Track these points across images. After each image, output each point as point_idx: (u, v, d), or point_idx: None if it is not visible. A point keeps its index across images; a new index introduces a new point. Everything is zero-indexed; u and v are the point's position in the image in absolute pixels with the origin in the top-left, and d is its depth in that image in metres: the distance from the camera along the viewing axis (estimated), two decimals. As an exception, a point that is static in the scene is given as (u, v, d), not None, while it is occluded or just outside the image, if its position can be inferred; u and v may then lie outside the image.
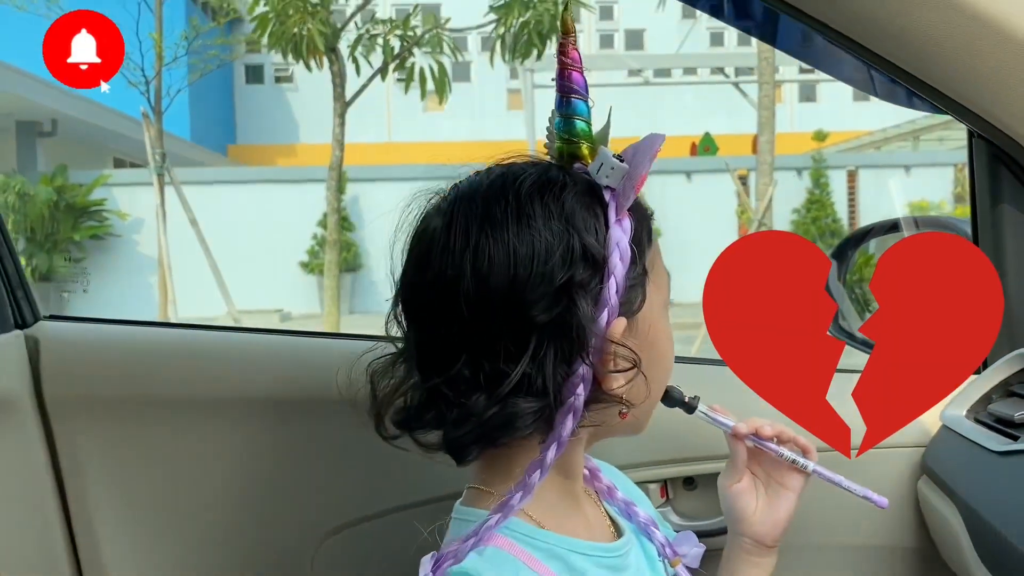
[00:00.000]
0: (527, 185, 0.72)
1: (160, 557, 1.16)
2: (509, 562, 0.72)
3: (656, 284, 0.75)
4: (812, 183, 13.11)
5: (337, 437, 1.14)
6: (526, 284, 0.68)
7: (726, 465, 0.90)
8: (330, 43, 6.47)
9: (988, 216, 1.09)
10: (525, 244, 0.69)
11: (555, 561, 0.74)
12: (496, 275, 0.68)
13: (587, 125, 0.76)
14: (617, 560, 0.79)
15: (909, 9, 0.91)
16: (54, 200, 11.33)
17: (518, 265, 0.68)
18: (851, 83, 1.35)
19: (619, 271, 0.69)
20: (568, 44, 0.75)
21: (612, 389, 0.71)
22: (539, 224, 0.69)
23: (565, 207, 0.70)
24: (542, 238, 0.69)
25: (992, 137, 1.03)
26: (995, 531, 0.83)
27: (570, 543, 0.76)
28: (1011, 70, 0.94)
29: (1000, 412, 0.99)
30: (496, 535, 0.73)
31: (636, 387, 0.72)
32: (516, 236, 0.69)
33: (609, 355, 0.70)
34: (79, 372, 1.16)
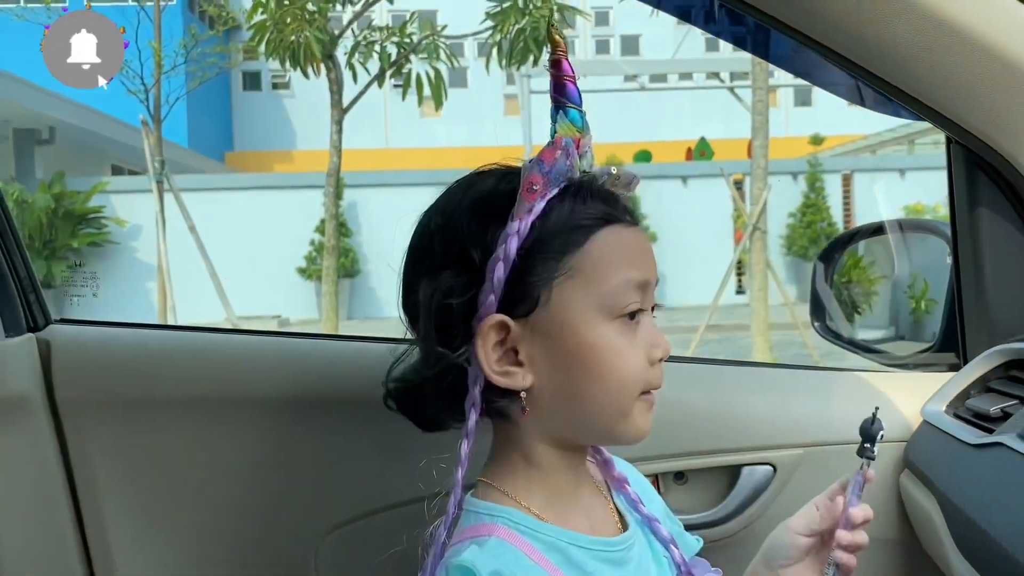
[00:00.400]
0: (457, 189, 0.81)
1: (170, 555, 1.19)
2: (510, 552, 0.75)
3: (587, 288, 0.76)
4: (808, 187, 13.17)
5: (340, 435, 1.17)
6: (410, 266, 0.81)
7: (808, 513, 0.90)
8: (327, 50, 6.51)
9: (966, 219, 1.13)
10: (417, 234, 0.81)
11: (555, 553, 0.77)
12: (405, 258, 0.82)
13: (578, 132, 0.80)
14: (618, 554, 0.81)
15: (886, 21, 0.94)
16: (52, 207, 11.35)
17: (411, 249, 0.82)
18: (842, 95, 1.39)
19: (498, 270, 0.75)
20: (560, 57, 0.79)
21: (496, 382, 0.77)
22: (437, 220, 0.79)
23: (465, 209, 0.79)
24: (426, 231, 0.80)
25: (968, 143, 1.07)
26: (971, 520, 0.87)
27: (570, 536, 0.79)
28: (983, 79, 0.98)
29: (977, 407, 1.02)
30: (499, 526, 0.77)
31: (556, 385, 0.77)
32: (419, 229, 0.81)
33: (486, 348, 0.76)
34: (90, 374, 1.18)
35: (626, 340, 0.77)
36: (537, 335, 0.77)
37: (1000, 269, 1.11)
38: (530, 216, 0.75)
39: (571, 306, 0.76)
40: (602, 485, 0.90)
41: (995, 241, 1.11)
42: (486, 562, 0.72)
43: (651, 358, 0.79)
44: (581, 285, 0.76)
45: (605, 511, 0.87)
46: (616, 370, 0.77)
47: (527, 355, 0.77)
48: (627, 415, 0.79)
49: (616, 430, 0.80)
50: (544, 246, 0.76)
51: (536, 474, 0.81)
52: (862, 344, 1.44)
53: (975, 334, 1.15)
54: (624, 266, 0.77)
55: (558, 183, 0.76)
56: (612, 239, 0.77)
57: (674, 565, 0.87)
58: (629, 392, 0.78)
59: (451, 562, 0.73)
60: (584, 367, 0.77)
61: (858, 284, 1.69)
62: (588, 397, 0.77)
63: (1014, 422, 0.92)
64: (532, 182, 0.75)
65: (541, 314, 0.76)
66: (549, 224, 0.76)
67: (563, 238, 0.76)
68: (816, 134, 16.61)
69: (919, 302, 1.57)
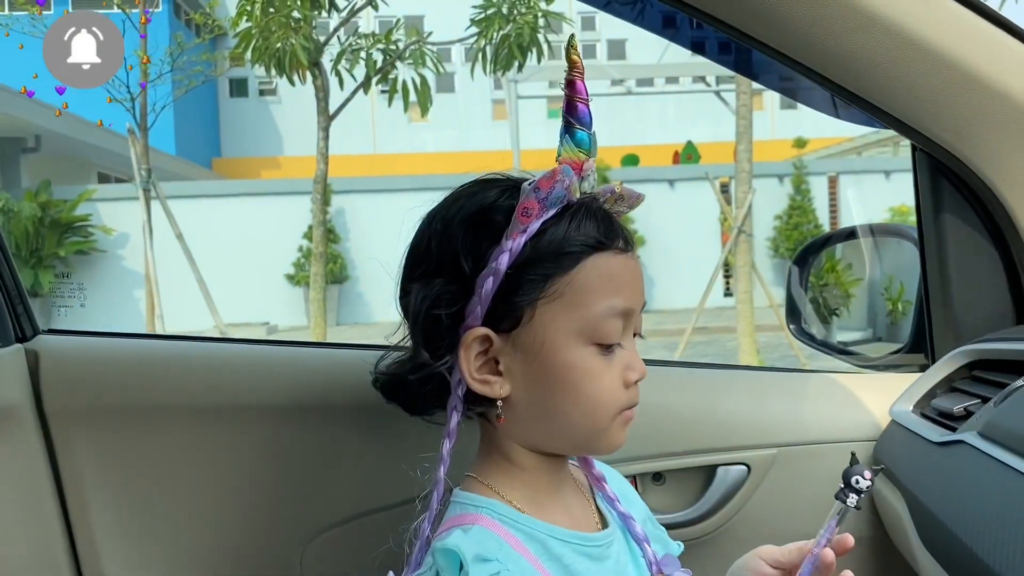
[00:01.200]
0: (461, 195, 0.83)
1: (159, 564, 1.20)
2: (493, 539, 0.78)
3: (570, 313, 0.79)
4: (794, 189, 13.23)
5: (326, 441, 1.19)
6: (408, 266, 0.84)
7: (785, 549, 0.89)
8: (313, 58, 6.52)
9: (932, 224, 1.16)
10: (418, 235, 0.84)
11: (535, 544, 0.81)
12: (404, 257, 0.85)
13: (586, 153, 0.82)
14: (596, 549, 0.84)
15: (848, 33, 0.98)
16: (38, 216, 11.29)
17: (410, 249, 0.84)
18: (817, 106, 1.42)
19: (487, 285, 0.78)
20: (575, 78, 0.82)
21: (475, 389, 0.81)
22: (436, 226, 0.82)
23: (462, 220, 0.81)
24: (425, 236, 0.83)
25: (932, 151, 1.10)
26: (933, 516, 0.89)
27: (549, 528, 0.82)
28: (945, 90, 1.01)
29: (942, 406, 1.05)
30: (483, 516, 0.81)
31: (532, 399, 0.81)
32: (419, 231, 0.84)
33: (468, 357, 0.80)
34: (78, 384, 1.20)
35: (602, 363, 0.80)
36: (518, 350, 0.80)
37: (964, 272, 1.14)
38: (524, 236, 0.78)
39: (552, 327, 0.79)
40: (584, 485, 0.93)
41: (960, 245, 1.14)
42: (470, 546, 0.75)
43: (626, 380, 0.82)
44: (564, 308, 0.79)
45: (586, 509, 0.90)
46: (590, 392, 0.80)
47: (507, 367, 0.81)
48: (603, 431, 0.82)
49: (591, 444, 0.84)
50: (533, 267, 0.78)
51: (517, 472, 0.84)
52: (835, 346, 1.48)
53: (942, 335, 1.18)
54: (608, 294, 0.79)
55: (554, 206, 0.79)
56: (600, 266, 0.79)
57: (647, 564, 0.90)
58: (604, 413, 0.81)
59: (436, 546, 0.76)
60: (560, 386, 0.80)
61: (835, 287, 1.72)
62: (562, 413, 0.81)
63: (975, 420, 0.95)
64: (527, 207, 0.78)
65: (523, 331, 0.79)
66: (541, 246, 0.78)
67: (552, 261, 0.78)
68: (800, 137, 16.70)
69: (895, 304, 1.60)
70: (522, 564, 0.78)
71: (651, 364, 1.28)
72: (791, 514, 1.19)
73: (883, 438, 1.16)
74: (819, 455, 1.18)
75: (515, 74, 8.39)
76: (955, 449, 0.93)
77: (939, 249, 1.16)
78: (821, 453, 1.18)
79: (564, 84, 0.82)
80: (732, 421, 1.21)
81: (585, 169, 0.81)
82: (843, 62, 1.02)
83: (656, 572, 0.91)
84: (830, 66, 1.03)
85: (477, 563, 0.74)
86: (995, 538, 0.74)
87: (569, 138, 0.81)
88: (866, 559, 1.19)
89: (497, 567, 0.75)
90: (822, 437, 1.18)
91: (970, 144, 1.06)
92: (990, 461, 0.84)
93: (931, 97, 1.03)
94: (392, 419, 1.14)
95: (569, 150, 0.81)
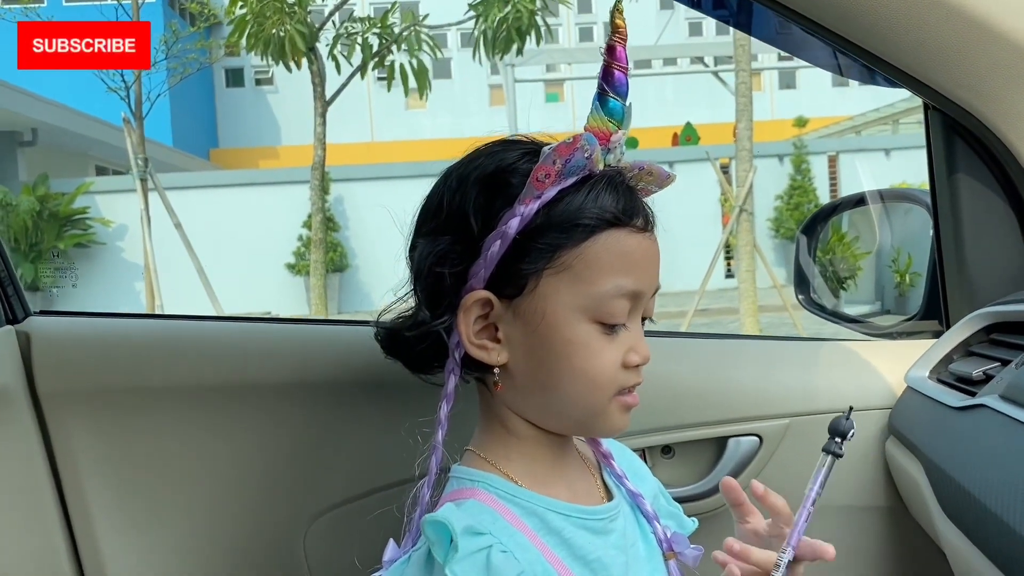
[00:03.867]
0: (481, 154, 0.80)
1: (157, 543, 1.18)
2: (487, 512, 0.76)
3: (575, 287, 0.76)
4: (794, 169, 13.19)
5: (326, 419, 1.17)
6: (420, 219, 0.81)
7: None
8: (308, 43, 6.48)
9: (945, 185, 1.13)
10: (434, 189, 0.81)
11: (532, 518, 0.78)
12: (419, 209, 0.82)
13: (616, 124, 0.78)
14: (598, 523, 0.81)
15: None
16: (37, 210, 11.27)
17: (425, 201, 0.82)
18: (822, 66, 1.39)
19: (494, 248, 0.75)
20: (616, 44, 0.78)
21: (472, 353, 0.78)
22: (451, 183, 0.79)
23: (477, 178, 0.78)
24: (439, 191, 0.80)
25: (945, 108, 1.07)
26: (954, 482, 0.87)
27: (547, 502, 0.79)
28: (958, 43, 0.98)
29: (960, 371, 1.03)
30: (479, 491, 0.78)
31: (530, 369, 0.78)
32: (435, 186, 0.82)
33: (468, 319, 0.77)
34: (71, 365, 1.17)
35: (603, 342, 0.77)
36: (518, 318, 0.77)
37: (980, 234, 1.11)
38: (537, 202, 0.75)
39: (554, 300, 0.76)
40: (590, 460, 0.90)
41: (974, 206, 1.11)
42: (460, 518, 0.72)
43: (627, 362, 0.78)
44: (569, 282, 0.76)
45: (590, 484, 0.87)
46: (587, 369, 0.77)
47: (506, 335, 0.78)
48: (601, 413, 0.79)
49: (589, 425, 0.82)
50: (543, 235, 0.75)
51: (516, 443, 0.82)
52: (846, 315, 1.45)
53: (957, 300, 1.15)
54: (618, 273, 0.76)
55: (573, 175, 0.76)
56: (612, 243, 0.76)
57: (657, 541, 0.88)
58: (600, 392, 0.78)
59: (426, 519, 0.74)
60: (556, 360, 0.77)
61: (843, 259, 1.70)
62: (558, 388, 0.78)
63: (996, 384, 0.92)
64: (544, 172, 0.75)
65: (525, 300, 0.77)
66: (554, 214, 0.75)
67: (563, 232, 0.75)
68: (800, 116, 16.64)
69: (904, 276, 1.58)
70: (517, 538, 0.75)
71: (659, 335, 1.26)
72: (804, 485, 1.16)
73: (899, 405, 1.13)
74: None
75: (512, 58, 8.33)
76: (975, 413, 0.90)
77: (953, 211, 1.13)
78: (835, 423, 1.16)
79: (604, 49, 0.78)
80: (743, 391, 1.18)
81: (613, 141, 0.77)
82: (852, 16, 0.99)
83: (667, 550, 0.88)
84: (838, 21, 1.00)
85: (467, 536, 0.71)
86: (1021, 500, 0.71)
87: (600, 106, 0.78)
88: (881, 529, 1.17)
89: (489, 540, 0.72)
90: (835, 406, 1.15)
91: (986, 100, 1.02)
92: (1013, 424, 0.81)
93: (943, 50, 0.99)
94: (394, 396, 1.12)
95: (597, 119, 0.77)
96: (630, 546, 0.84)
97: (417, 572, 0.75)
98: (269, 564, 1.18)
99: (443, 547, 0.71)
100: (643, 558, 0.86)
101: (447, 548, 0.71)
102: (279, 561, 1.19)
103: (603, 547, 0.80)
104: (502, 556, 0.72)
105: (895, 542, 1.17)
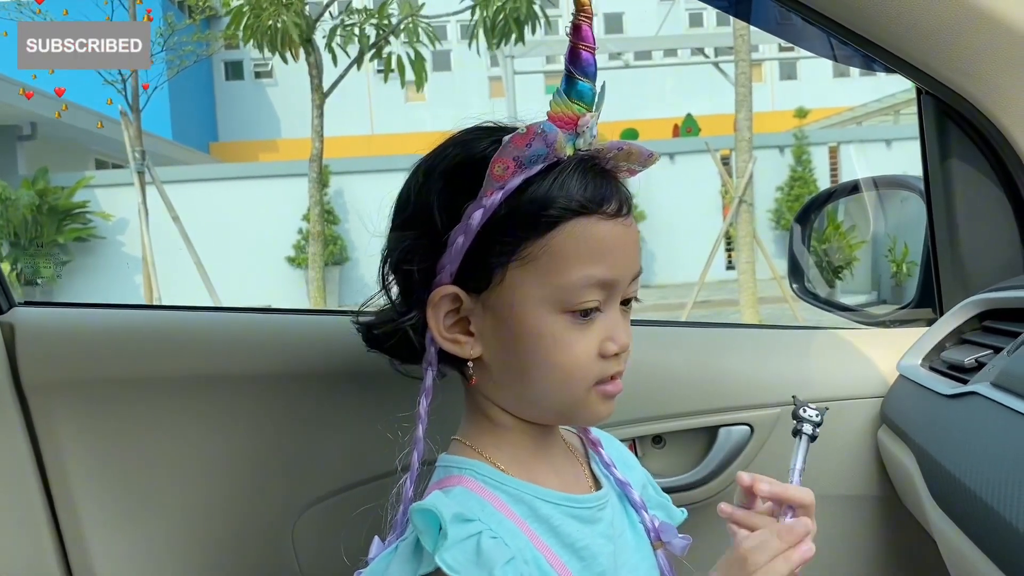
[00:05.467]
0: (450, 144, 0.80)
1: (144, 536, 1.17)
2: (475, 499, 0.75)
3: (542, 279, 0.74)
4: (794, 160, 13.16)
5: (316, 410, 1.16)
6: (393, 212, 0.81)
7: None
8: (305, 35, 6.45)
9: (938, 170, 1.12)
10: (405, 183, 0.81)
11: (520, 506, 0.77)
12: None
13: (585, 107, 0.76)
14: (586, 511, 0.80)
15: (850, -31, 0.93)
16: (36, 204, 11.26)
17: (398, 195, 0.81)
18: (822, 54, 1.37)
19: (458, 242, 0.74)
20: (581, 22, 0.75)
21: (445, 348, 0.78)
22: (419, 176, 0.79)
23: (442, 171, 0.78)
24: (408, 184, 0.80)
25: (938, 92, 1.05)
26: (945, 470, 0.86)
27: (535, 490, 0.78)
28: (951, 27, 0.97)
29: (952, 359, 1.01)
30: (466, 478, 0.77)
31: (504, 363, 0.77)
32: (406, 179, 0.81)
33: (438, 315, 0.77)
34: (56, 356, 1.16)
35: (575, 334, 0.75)
36: (488, 312, 0.76)
37: (973, 219, 1.10)
38: (500, 193, 0.73)
39: (521, 292, 0.74)
40: (577, 450, 0.89)
41: (967, 191, 1.10)
42: (448, 506, 0.71)
43: (604, 351, 0.76)
44: (536, 274, 0.74)
45: (578, 472, 0.86)
46: (559, 362, 0.75)
47: (478, 328, 0.77)
48: (580, 403, 0.78)
49: (569, 414, 0.80)
50: (507, 227, 0.74)
51: (502, 433, 0.81)
52: (840, 304, 1.44)
53: (951, 287, 1.14)
54: (586, 262, 0.74)
55: (535, 164, 0.73)
56: (579, 232, 0.74)
57: (645, 530, 0.87)
58: (575, 383, 0.76)
59: (414, 507, 0.72)
60: (528, 353, 0.75)
61: (838, 248, 1.68)
62: (532, 380, 0.77)
63: (988, 371, 0.91)
64: (501, 164, 0.73)
65: (493, 293, 0.75)
66: (519, 205, 0.73)
67: (528, 223, 0.73)
68: (801, 107, 16.59)
69: (900, 265, 1.56)
70: (506, 525, 0.74)
71: (651, 324, 1.25)
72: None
73: (891, 394, 1.12)
74: (826, 414, 1.14)
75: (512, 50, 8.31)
76: (967, 401, 0.89)
77: (946, 196, 1.12)
78: (828, 412, 1.14)
79: (570, 29, 0.76)
80: (734, 381, 1.17)
81: (581, 124, 0.74)
82: (847, 2, 0.98)
83: (655, 539, 0.87)
84: (831, 5, 0.99)
85: (456, 523, 0.70)
86: (1011, 489, 0.70)
87: (566, 91, 0.75)
88: (874, 517, 1.16)
89: (479, 527, 0.71)
90: (827, 395, 1.14)
91: (978, 84, 1.01)
92: (1005, 411, 0.80)
93: (935, 33, 0.98)
94: (384, 386, 1.10)
95: (561, 104, 0.75)
96: (618, 535, 0.84)
97: (405, 562, 0.74)
98: (258, 555, 1.18)
99: (432, 536, 0.70)
100: (631, 547, 0.85)
101: (436, 537, 0.70)
102: (268, 553, 1.18)
103: (591, 535, 0.80)
104: (492, 542, 0.71)
105: (888, 531, 1.16)
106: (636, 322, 1.23)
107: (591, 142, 0.76)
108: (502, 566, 0.69)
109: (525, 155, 0.72)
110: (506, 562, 0.70)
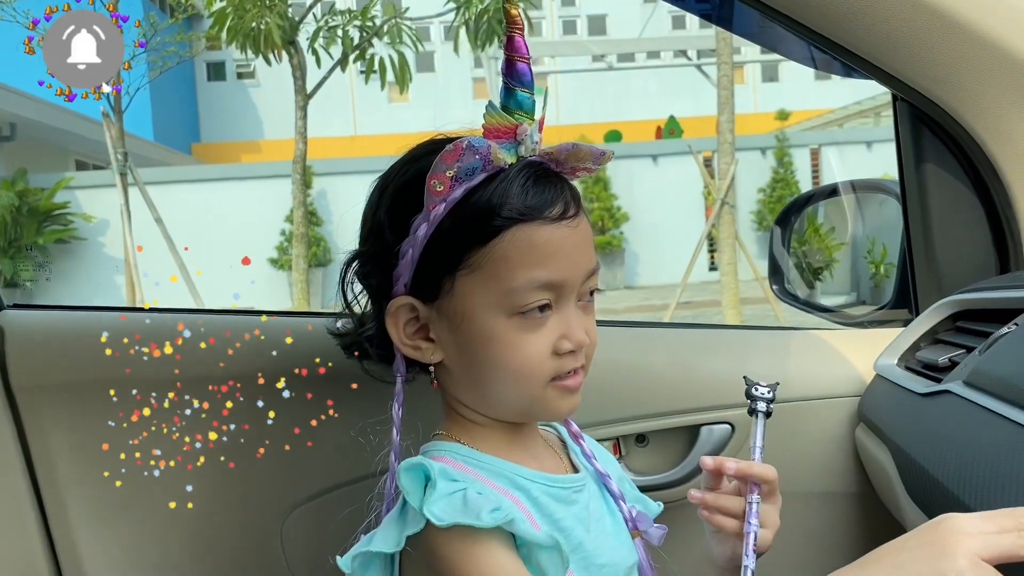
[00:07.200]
0: (406, 160, 0.83)
1: (134, 537, 1.18)
2: (458, 472, 0.78)
3: (488, 285, 0.76)
4: (776, 162, 13.25)
5: (302, 411, 1.17)
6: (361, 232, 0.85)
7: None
8: (288, 36, 6.45)
9: (914, 174, 1.14)
10: (367, 199, 0.85)
11: (501, 479, 0.80)
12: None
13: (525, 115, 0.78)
14: (563, 491, 0.83)
15: (827, -21, 0.95)
16: (16, 205, 11.16)
17: (361, 218, 0.85)
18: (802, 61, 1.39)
19: (408, 254, 0.78)
20: (514, 34, 0.78)
21: (407, 354, 0.82)
22: (376, 192, 0.84)
23: (394, 189, 0.82)
24: (368, 200, 0.84)
25: (912, 99, 1.08)
26: (919, 466, 0.88)
27: (514, 468, 0.81)
28: (925, 36, 0.99)
29: (926, 358, 1.04)
30: (447, 458, 0.80)
31: (462, 367, 0.81)
32: (370, 192, 0.85)
33: (398, 324, 0.81)
34: (45, 358, 1.17)
35: (528, 335, 0.77)
36: (443, 319, 0.80)
37: (947, 222, 1.13)
38: (442, 205, 0.76)
39: (471, 299, 0.77)
40: (555, 443, 0.92)
41: (941, 195, 1.12)
42: (433, 465, 0.75)
43: (558, 349, 0.78)
44: (483, 281, 0.77)
45: (556, 460, 0.89)
46: (510, 364, 0.78)
47: (436, 335, 0.81)
48: (538, 400, 0.80)
49: (531, 411, 0.83)
50: (451, 239, 0.77)
51: (476, 428, 0.84)
52: (819, 305, 1.47)
53: (926, 288, 1.16)
54: (529, 267, 0.76)
55: (472, 177, 0.75)
56: (521, 238, 0.76)
57: (623, 520, 0.89)
58: (529, 383, 0.79)
59: (400, 467, 0.75)
60: (482, 356, 0.79)
61: (818, 250, 1.71)
62: (490, 382, 0.80)
63: (960, 370, 0.93)
64: (436, 180, 0.76)
65: (446, 301, 0.79)
66: (461, 215, 0.76)
67: (470, 234, 0.76)
68: (782, 109, 16.70)
69: (879, 266, 1.59)
70: (489, 489, 0.77)
71: (634, 325, 1.27)
72: (777, 472, 1.17)
73: (868, 393, 1.14)
74: (804, 412, 1.17)
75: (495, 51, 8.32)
76: (940, 399, 0.91)
77: (921, 200, 1.14)
78: (806, 410, 1.17)
79: (503, 42, 0.78)
80: (715, 380, 1.19)
81: (520, 133, 0.77)
82: (819, 8, 1.00)
83: (632, 528, 0.89)
84: (806, 13, 1.01)
85: (443, 478, 0.74)
86: (982, 485, 0.73)
87: (505, 101, 0.77)
88: (853, 515, 1.18)
89: (464, 484, 0.75)
90: (807, 394, 1.17)
91: (951, 91, 1.04)
92: (976, 409, 0.82)
93: (911, 43, 1.01)
94: (369, 387, 1.12)
95: (495, 116, 0.77)
96: (596, 521, 0.86)
97: (391, 527, 0.76)
98: (247, 555, 1.19)
99: (418, 493, 0.73)
100: (610, 533, 0.87)
101: (422, 493, 0.73)
102: (257, 552, 1.19)
103: (567, 516, 0.82)
104: (478, 496, 0.73)
105: (865, 527, 1.19)
106: (619, 323, 1.26)
107: (534, 148, 0.78)
108: (489, 511, 0.71)
109: (460, 169, 0.75)
110: (493, 509, 0.72)
